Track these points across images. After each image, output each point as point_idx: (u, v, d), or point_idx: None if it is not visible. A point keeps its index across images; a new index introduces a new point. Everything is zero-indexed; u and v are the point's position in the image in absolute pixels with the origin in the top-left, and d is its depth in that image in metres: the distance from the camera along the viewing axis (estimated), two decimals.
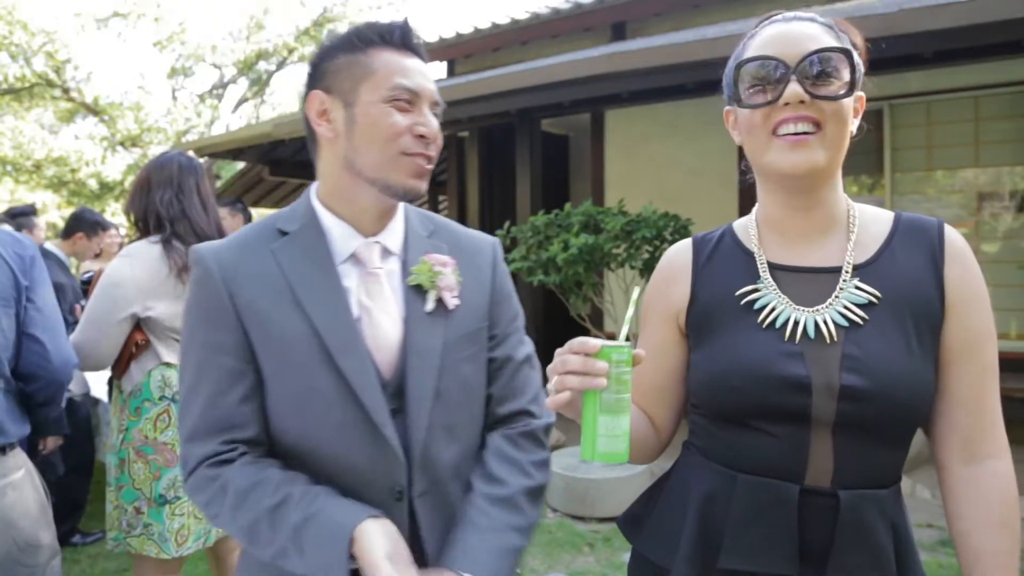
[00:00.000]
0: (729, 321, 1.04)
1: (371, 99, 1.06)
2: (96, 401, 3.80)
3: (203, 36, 17.21)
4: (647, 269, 4.69)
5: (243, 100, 16.81)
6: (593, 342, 0.90)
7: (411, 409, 1.07)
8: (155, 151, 14.30)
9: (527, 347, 1.25)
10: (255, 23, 15.85)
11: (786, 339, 0.99)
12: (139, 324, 2.18)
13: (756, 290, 1.04)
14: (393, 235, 1.14)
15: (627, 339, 0.95)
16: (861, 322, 0.98)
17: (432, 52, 8.42)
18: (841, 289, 1.00)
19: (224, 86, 16.49)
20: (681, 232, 4.63)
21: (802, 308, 1.01)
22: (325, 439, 1.05)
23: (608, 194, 6.90)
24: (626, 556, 3.43)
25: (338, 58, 1.09)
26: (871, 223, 1.06)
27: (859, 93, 1.04)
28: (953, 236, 1.02)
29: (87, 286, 2.44)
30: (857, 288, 1.00)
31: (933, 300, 0.99)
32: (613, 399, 0.90)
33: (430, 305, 1.10)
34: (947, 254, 1.00)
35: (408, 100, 1.06)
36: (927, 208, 5.57)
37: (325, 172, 1.13)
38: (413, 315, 1.10)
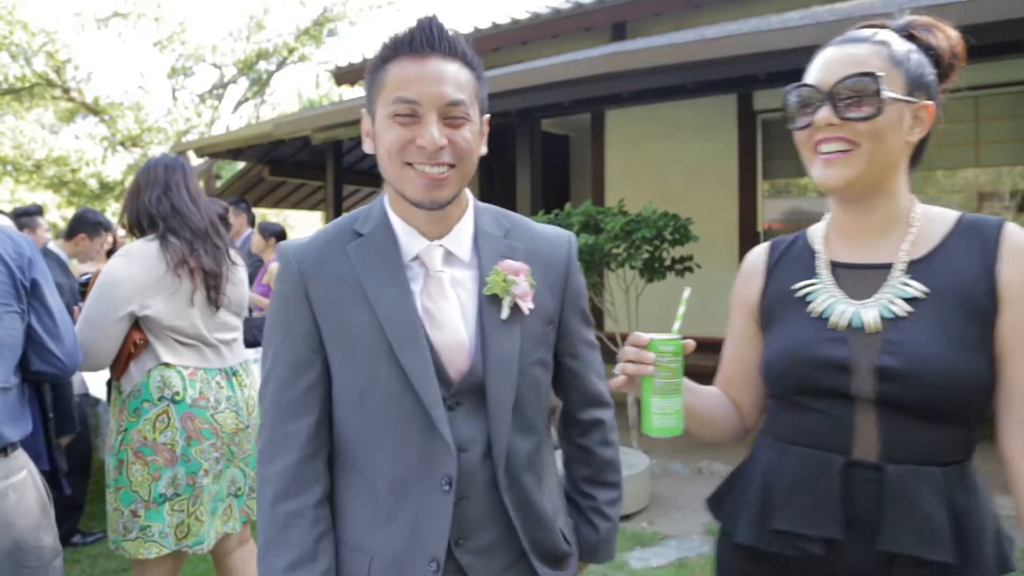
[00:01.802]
0: (787, 313, 1.16)
1: (382, 115, 1.10)
2: (96, 401, 3.80)
3: (203, 36, 17.20)
4: (647, 269, 4.69)
5: (243, 100, 16.80)
6: (643, 337, 1.06)
7: (493, 413, 1.13)
8: (155, 151, 14.30)
9: (596, 349, 1.34)
10: (255, 23, 15.84)
11: (832, 327, 1.09)
12: (137, 323, 2.18)
13: (811, 284, 1.15)
14: (458, 239, 1.17)
15: (678, 333, 1.10)
16: (905, 315, 1.05)
17: None
18: (890, 284, 1.09)
19: (224, 86, 16.49)
20: (681, 232, 4.62)
21: (852, 301, 1.10)
22: (383, 430, 1.11)
23: (608, 194, 6.90)
24: (626, 556, 3.45)
25: (369, 77, 1.15)
26: (932, 222, 1.13)
27: (924, 103, 1.10)
28: (1011, 234, 1.07)
29: (85, 288, 2.44)
30: (904, 284, 1.08)
31: (984, 296, 1.04)
32: (662, 383, 1.06)
33: (505, 313, 1.15)
34: (1001, 252, 1.05)
35: (409, 113, 1.07)
36: None
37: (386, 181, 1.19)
38: (490, 322, 1.14)
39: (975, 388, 1.03)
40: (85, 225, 4.24)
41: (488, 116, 1.21)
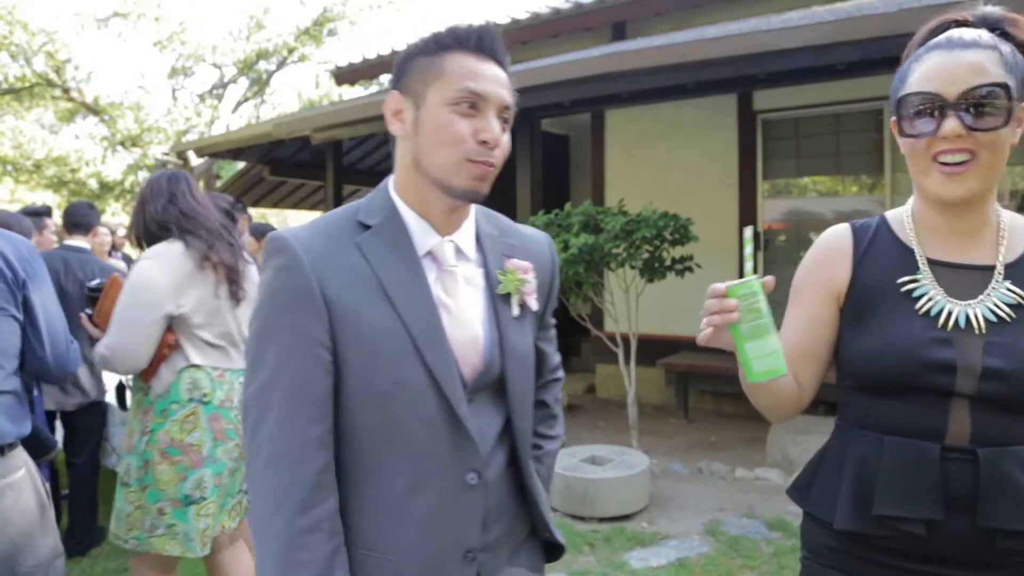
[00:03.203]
0: (888, 306, 1.16)
1: (436, 101, 1.08)
2: (106, 407, 3.80)
3: (203, 36, 17.18)
4: (647, 269, 4.69)
5: (243, 100, 16.78)
6: (719, 287, 1.08)
7: (515, 407, 1.18)
8: (155, 151, 14.28)
9: (554, 327, 1.39)
10: (255, 23, 15.81)
11: (939, 326, 1.11)
12: (170, 325, 2.21)
13: (915, 280, 1.16)
14: (465, 235, 1.18)
15: (753, 273, 1.11)
16: (1009, 320, 1.10)
17: None
18: (994, 288, 1.13)
19: (224, 86, 16.47)
20: (681, 232, 4.62)
21: (955, 301, 1.13)
22: (408, 429, 1.09)
23: (608, 194, 6.90)
24: (626, 556, 3.45)
25: (416, 60, 1.12)
26: (1017, 227, 1.18)
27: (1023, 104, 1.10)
28: None
29: (96, 293, 2.43)
30: (1009, 290, 1.12)
31: None
32: (750, 327, 1.07)
33: (516, 310, 1.18)
34: None
35: (472, 104, 1.08)
36: None
37: (400, 169, 1.16)
38: (504, 319, 1.17)
39: None
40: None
41: None
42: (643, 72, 4.62)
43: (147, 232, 2.32)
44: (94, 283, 2.49)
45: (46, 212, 4.47)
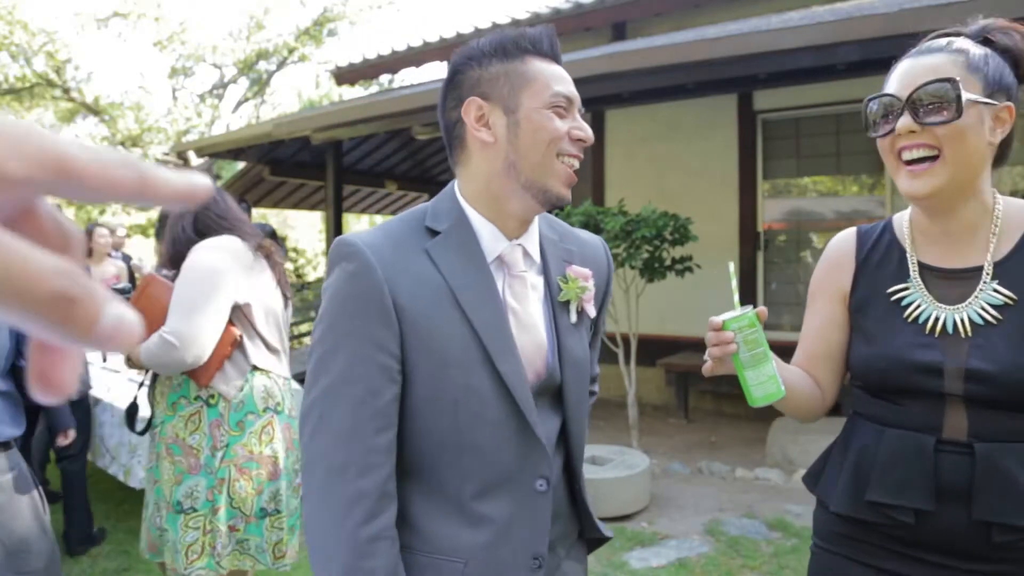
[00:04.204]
0: (881, 312, 1.23)
1: (534, 105, 1.10)
2: (96, 400, 3.78)
3: (203, 36, 17.20)
4: (647, 269, 4.69)
5: (243, 100, 16.79)
6: (716, 320, 1.13)
7: (571, 413, 1.18)
8: (155, 151, 14.28)
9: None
10: (255, 23, 15.82)
11: (927, 332, 1.17)
12: (231, 319, 2.10)
13: (905, 288, 1.22)
14: (532, 240, 1.19)
15: (742, 305, 1.17)
16: (995, 322, 1.13)
17: (433, 52, 8.42)
18: (981, 291, 1.16)
19: (224, 86, 16.48)
20: (681, 232, 4.62)
21: (943, 306, 1.18)
22: (478, 436, 1.08)
23: (608, 194, 6.90)
24: (626, 556, 3.45)
25: (493, 66, 1.12)
26: (1012, 217, 1.19)
27: (1004, 104, 1.14)
28: None
29: (121, 294, 2.37)
30: (995, 291, 1.15)
31: None
32: (748, 356, 1.13)
33: (574, 317, 1.18)
34: None
35: (564, 107, 1.11)
36: None
37: (477, 175, 1.14)
38: (563, 325, 1.17)
39: None
40: None
41: None
42: (643, 72, 4.62)
43: (180, 246, 2.16)
44: (120, 285, 2.45)
45: None
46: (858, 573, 1.24)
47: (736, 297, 1.21)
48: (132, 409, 2.46)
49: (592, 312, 1.21)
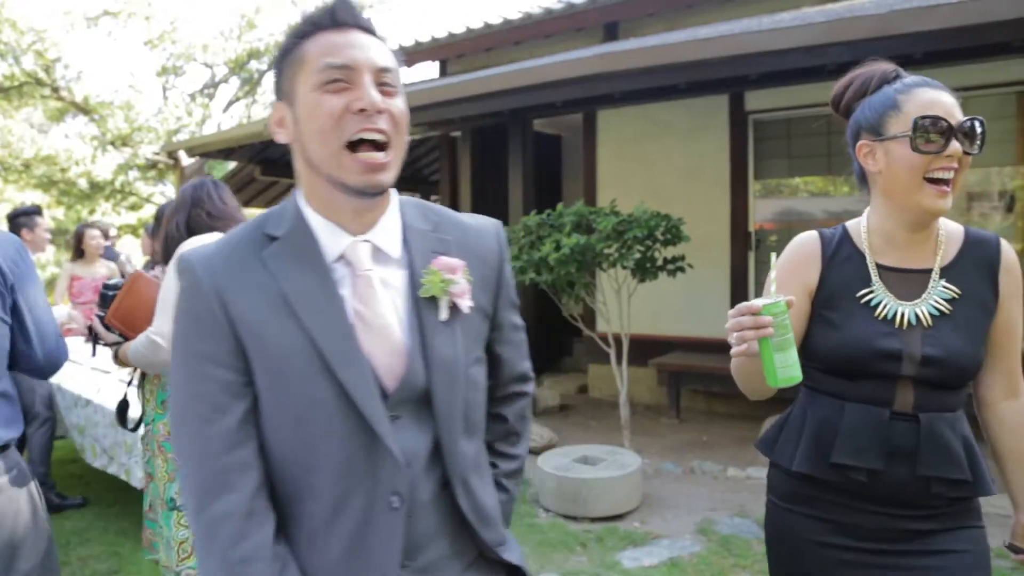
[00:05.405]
0: (848, 308, 1.42)
1: (306, 90, 1.01)
2: (87, 401, 3.78)
3: (194, 35, 17.12)
4: (639, 269, 4.70)
5: (234, 99, 16.71)
6: (756, 304, 1.23)
7: (442, 422, 1.06)
8: (146, 150, 14.20)
9: (523, 330, 1.28)
10: (247, 22, 15.75)
11: (896, 326, 1.37)
12: None
13: (871, 292, 1.41)
14: (385, 233, 1.09)
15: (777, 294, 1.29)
16: (947, 312, 1.37)
17: (424, 52, 8.40)
18: (932, 287, 1.39)
19: (215, 85, 16.40)
20: (673, 232, 4.63)
21: (903, 302, 1.39)
22: (324, 451, 1.01)
23: (600, 194, 6.90)
24: (618, 556, 3.45)
25: (283, 61, 1.06)
26: (951, 234, 1.44)
27: None
28: (1006, 251, 1.43)
29: (113, 292, 2.35)
30: (945, 287, 1.39)
31: (991, 299, 1.41)
32: (780, 340, 1.23)
33: (444, 314, 1.07)
34: (1002, 266, 1.41)
35: (341, 79, 1.00)
36: None
37: (299, 174, 1.09)
38: (428, 325, 1.06)
39: (979, 367, 1.41)
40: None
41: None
42: (635, 72, 4.62)
43: (172, 244, 2.20)
44: (112, 281, 2.44)
45: (36, 212, 4.47)
46: (814, 525, 1.44)
47: (774, 287, 1.32)
48: (123, 406, 2.48)
49: (466, 307, 1.08)
